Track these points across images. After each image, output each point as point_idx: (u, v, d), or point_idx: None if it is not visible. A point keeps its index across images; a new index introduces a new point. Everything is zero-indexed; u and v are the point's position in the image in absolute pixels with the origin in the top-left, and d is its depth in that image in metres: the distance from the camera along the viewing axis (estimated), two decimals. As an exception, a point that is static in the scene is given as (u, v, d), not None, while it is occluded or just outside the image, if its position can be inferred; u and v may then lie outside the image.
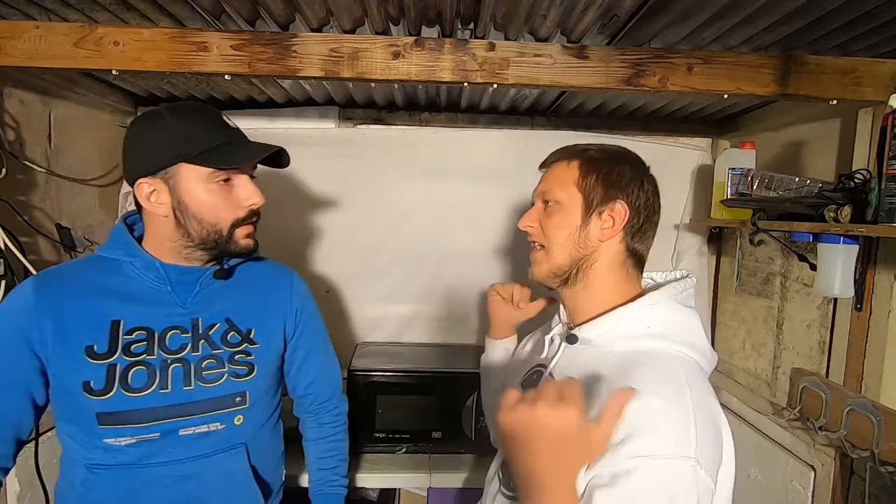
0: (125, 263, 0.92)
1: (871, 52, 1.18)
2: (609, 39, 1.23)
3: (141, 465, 0.90)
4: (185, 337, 0.93)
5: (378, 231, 1.84)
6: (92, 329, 0.88)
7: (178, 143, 0.87)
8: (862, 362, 1.22)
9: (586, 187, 0.81)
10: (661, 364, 0.73)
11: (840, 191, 1.11)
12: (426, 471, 1.46)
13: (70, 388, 0.87)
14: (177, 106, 0.92)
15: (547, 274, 0.84)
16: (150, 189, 0.89)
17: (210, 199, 0.89)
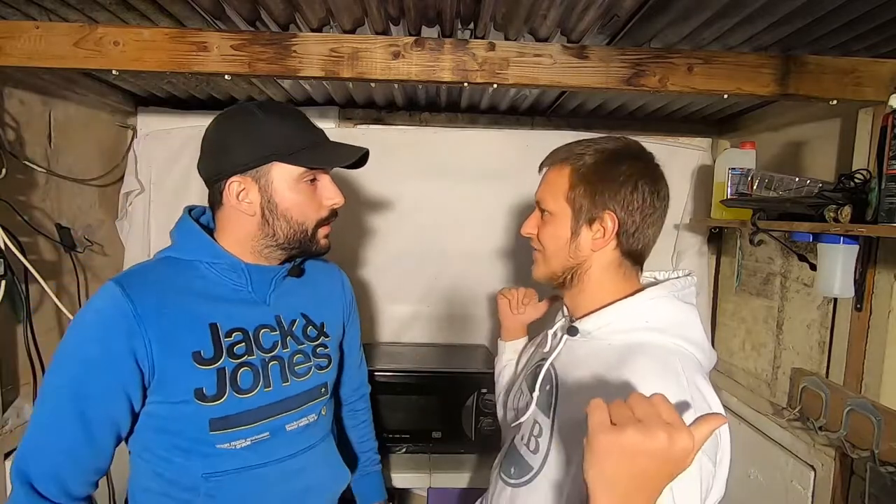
0: (203, 265, 0.90)
1: (871, 52, 1.18)
2: (609, 39, 1.23)
3: (258, 465, 0.90)
4: (275, 335, 0.93)
5: (378, 231, 1.84)
6: (194, 334, 0.85)
7: (273, 142, 0.86)
8: (862, 362, 1.22)
9: (574, 200, 0.81)
10: (657, 355, 0.75)
11: (840, 191, 1.11)
12: (426, 471, 1.46)
13: (181, 397, 0.84)
14: (266, 104, 0.90)
15: (544, 277, 0.87)
16: (240, 188, 0.87)
17: (300, 198, 0.89)
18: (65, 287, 1.42)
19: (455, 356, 1.75)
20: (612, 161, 0.81)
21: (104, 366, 0.80)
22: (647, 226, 0.82)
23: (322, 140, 0.92)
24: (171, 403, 0.84)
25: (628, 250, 0.82)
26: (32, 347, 1.21)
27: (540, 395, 0.85)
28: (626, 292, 0.82)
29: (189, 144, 1.72)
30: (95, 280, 1.58)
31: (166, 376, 0.83)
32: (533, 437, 0.84)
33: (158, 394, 0.84)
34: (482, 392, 1.51)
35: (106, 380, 0.81)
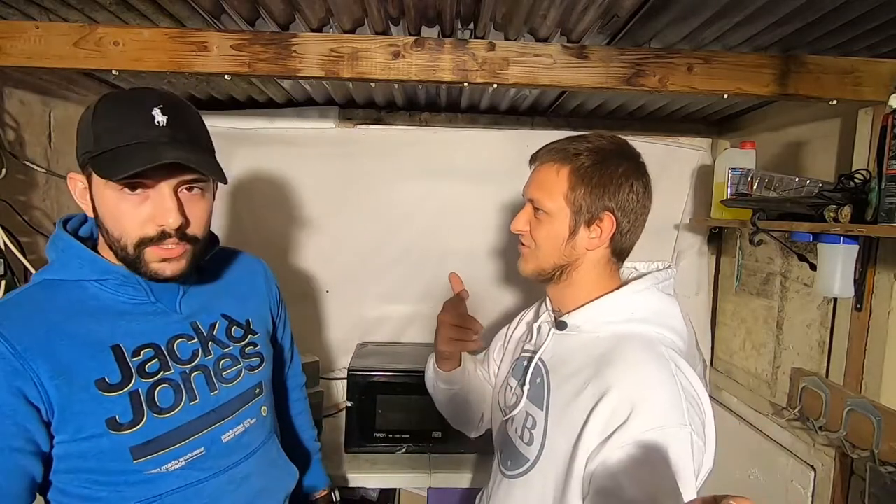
0: (92, 283, 0.80)
1: (871, 52, 1.18)
2: (609, 39, 1.23)
3: (200, 481, 0.84)
4: (193, 343, 0.86)
5: (378, 231, 1.84)
6: (94, 360, 0.76)
7: (88, 140, 0.75)
8: (862, 362, 1.22)
9: (575, 201, 0.81)
10: (645, 344, 0.79)
11: (840, 191, 1.11)
12: (426, 471, 1.46)
13: (91, 431, 0.75)
14: (109, 95, 0.78)
15: (532, 273, 0.88)
16: (81, 185, 0.79)
17: (116, 206, 0.76)
18: (65, 287, 1.42)
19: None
20: (609, 161, 0.82)
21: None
22: (638, 225, 0.85)
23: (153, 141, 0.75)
24: (83, 440, 0.75)
25: (619, 249, 0.85)
26: (32, 347, 1.20)
27: (531, 388, 0.87)
28: (610, 287, 0.86)
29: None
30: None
31: (69, 412, 0.74)
32: (527, 429, 0.86)
33: (64, 432, 0.74)
34: (482, 392, 1.51)
35: (3, 430, 0.70)
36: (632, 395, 0.73)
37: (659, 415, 0.72)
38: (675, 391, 0.74)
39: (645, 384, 0.75)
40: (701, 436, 0.74)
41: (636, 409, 0.71)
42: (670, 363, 0.77)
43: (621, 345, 0.80)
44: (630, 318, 0.82)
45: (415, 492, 1.62)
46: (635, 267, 0.93)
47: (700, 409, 0.77)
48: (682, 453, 0.70)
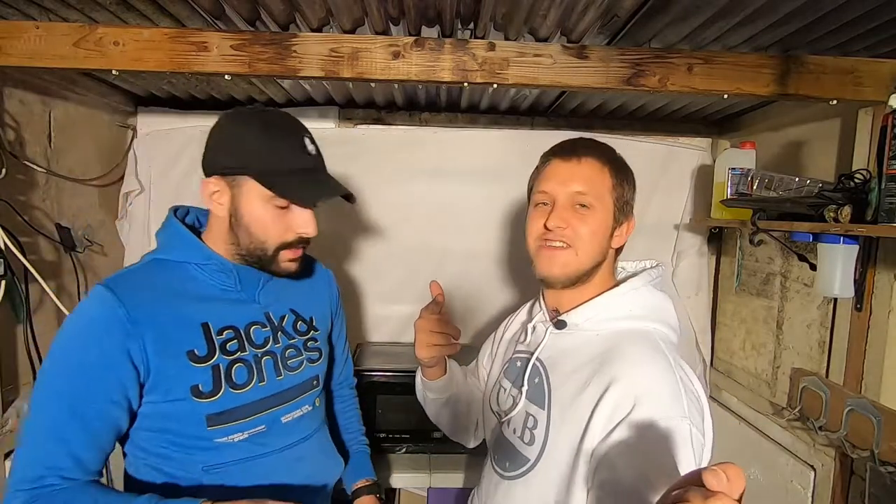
0: (192, 266, 0.92)
1: (871, 52, 1.18)
2: (609, 39, 1.23)
3: (258, 456, 0.93)
4: (265, 331, 0.96)
5: (378, 231, 1.84)
6: (187, 334, 0.87)
7: (253, 157, 0.87)
8: (862, 362, 1.22)
9: (618, 198, 0.86)
10: (645, 340, 0.82)
11: (840, 191, 1.11)
12: (426, 471, 1.46)
13: (178, 395, 0.86)
14: (269, 114, 0.91)
15: (574, 273, 0.85)
16: (215, 188, 0.90)
17: (265, 218, 0.89)
18: (65, 287, 1.42)
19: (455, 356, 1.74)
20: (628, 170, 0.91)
21: (103, 369, 0.81)
22: None
23: (311, 167, 0.92)
24: (168, 402, 0.86)
25: (619, 248, 0.91)
26: (32, 347, 1.21)
27: (529, 388, 0.88)
28: (608, 285, 0.89)
29: (189, 144, 1.72)
30: (95, 280, 1.58)
31: (162, 376, 0.85)
32: (527, 429, 0.86)
33: (154, 393, 0.85)
34: (482, 392, 1.51)
35: (105, 383, 0.82)
36: (635, 389, 0.75)
37: (661, 406, 0.74)
38: (676, 385, 0.76)
39: (647, 378, 0.77)
40: (700, 430, 0.76)
41: (639, 402, 0.73)
42: (668, 357, 0.80)
43: (622, 341, 0.82)
44: (628, 315, 0.85)
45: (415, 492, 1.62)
46: (623, 266, 0.96)
47: (699, 403, 0.79)
48: (683, 444, 0.72)
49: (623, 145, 1.77)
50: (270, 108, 0.94)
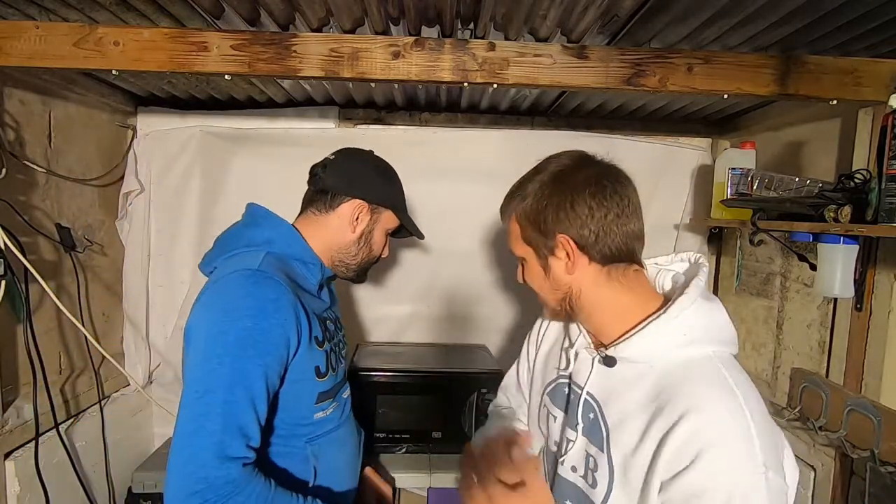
0: (296, 262, 1.04)
1: (871, 52, 1.18)
2: (609, 39, 1.23)
3: (335, 428, 1.07)
4: (332, 324, 1.10)
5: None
6: (311, 321, 0.98)
7: (397, 196, 1.16)
8: (862, 362, 1.22)
9: (528, 239, 0.83)
10: (705, 373, 0.72)
11: (840, 191, 1.11)
12: (426, 471, 1.46)
13: (305, 375, 0.97)
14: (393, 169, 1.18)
15: (550, 316, 0.92)
16: (360, 210, 1.08)
17: (381, 241, 1.15)
18: (65, 287, 1.42)
19: (455, 356, 1.75)
20: (544, 191, 0.80)
21: (283, 349, 0.91)
22: (609, 228, 0.78)
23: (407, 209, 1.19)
24: (296, 381, 0.96)
25: (606, 258, 0.78)
26: (32, 347, 1.21)
27: (584, 425, 0.81)
28: (647, 301, 0.79)
29: (189, 144, 1.72)
30: (96, 280, 1.58)
31: (301, 356, 0.95)
32: (589, 471, 0.80)
33: (291, 372, 0.95)
34: (482, 392, 1.51)
35: (283, 361, 0.92)
36: (699, 436, 0.67)
37: (724, 459, 0.66)
38: (746, 429, 0.67)
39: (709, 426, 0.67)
40: (780, 472, 0.67)
41: (702, 454, 0.65)
42: (737, 394, 0.70)
43: (680, 380, 0.73)
44: (683, 342, 0.75)
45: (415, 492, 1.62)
46: (656, 262, 0.87)
47: (773, 438, 0.70)
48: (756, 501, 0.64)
49: (623, 145, 1.81)
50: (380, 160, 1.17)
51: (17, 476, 1.19)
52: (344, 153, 1.14)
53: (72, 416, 1.42)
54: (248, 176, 1.78)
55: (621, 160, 0.85)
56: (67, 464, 1.33)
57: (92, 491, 1.41)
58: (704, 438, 0.66)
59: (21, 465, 1.20)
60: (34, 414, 1.23)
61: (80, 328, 1.37)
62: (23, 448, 1.22)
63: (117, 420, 1.56)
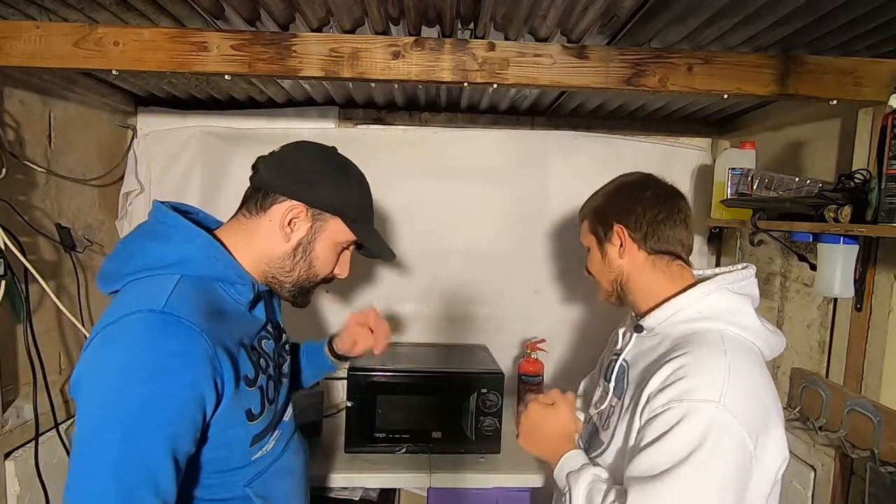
0: (217, 283, 0.84)
1: (871, 52, 1.18)
2: (609, 39, 1.23)
3: (278, 458, 0.94)
4: (269, 342, 0.93)
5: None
6: (240, 358, 0.82)
7: (351, 202, 0.92)
8: (862, 362, 1.22)
9: (593, 230, 1.02)
10: (705, 336, 0.85)
11: (840, 191, 1.11)
12: (426, 471, 1.46)
13: (235, 422, 0.81)
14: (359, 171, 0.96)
15: (605, 298, 1.04)
16: (295, 215, 0.87)
17: (329, 256, 0.93)
18: (65, 287, 1.42)
19: (455, 356, 1.75)
20: (612, 193, 1.01)
21: (195, 412, 0.74)
22: (658, 225, 0.94)
23: (372, 222, 1.00)
24: (226, 430, 0.80)
25: (654, 249, 0.94)
26: (32, 347, 1.21)
27: (616, 385, 0.97)
28: (676, 285, 0.93)
29: (189, 144, 1.72)
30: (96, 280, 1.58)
31: (228, 406, 0.78)
32: (607, 417, 0.97)
33: (216, 425, 0.79)
34: (482, 392, 1.51)
35: (195, 426, 0.75)
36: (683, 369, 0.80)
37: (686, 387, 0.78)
38: (717, 371, 0.78)
39: (683, 362, 0.81)
40: (748, 429, 0.76)
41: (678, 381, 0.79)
42: (722, 351, 0.81)
43: (684, 341, 0.86)
44: (697, 317, 0.88)
45: (415, 492, 1.62)
46: (715, 272, 0.98)
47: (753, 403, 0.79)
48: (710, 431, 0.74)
49: (623, 145, 1.81)
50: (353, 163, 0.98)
51: (17, 476, 1.19)
52: (294, 145, 0.94)
53: (72, 416, 1.42)
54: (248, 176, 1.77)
55: (621, 160, 0.90)
56: (67, 464, 1.32)
57: (92, 491, 1.41)
58: (683, 371, 0.80)
59: (21, 465, 1.20)
60: (34, 414, 1.23)
61: (80, 328, 1.37)
62: (23, 448, 1.22)
63: (117, 420, 1.56)
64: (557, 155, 1.81)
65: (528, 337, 1.87)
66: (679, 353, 0.83)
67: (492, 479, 1.45)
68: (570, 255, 1.86)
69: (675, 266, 0.95)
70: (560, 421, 0.99)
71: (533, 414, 1.00)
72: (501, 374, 1.55)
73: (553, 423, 0.98)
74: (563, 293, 1.91)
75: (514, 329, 1.92)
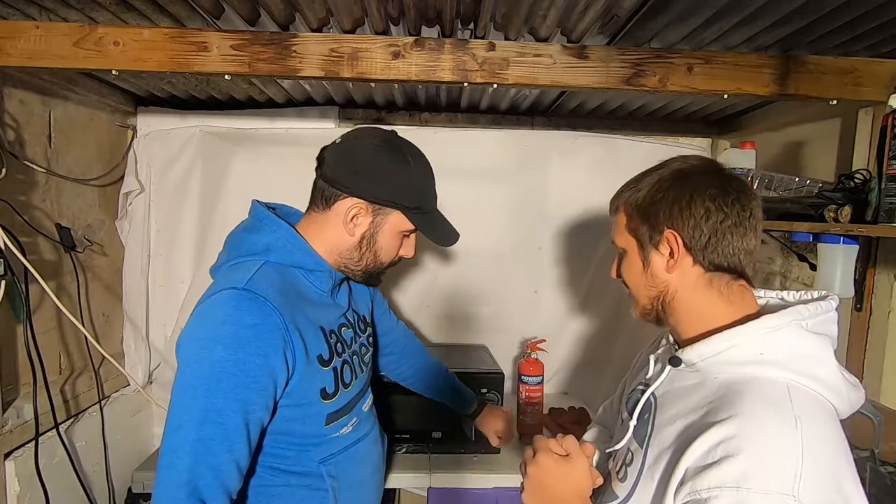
0: (299, 271, 0.93)
1: (871, 52, 1.18)
2: (609, 39, 1.23)
3: (355, 442, 1.00)
4: (350, 331, 1.02)
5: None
6: (315, 338, 0.90)
7: (409, 193, 0.94)
8: (862, 362, 1.22)
9: (633, 229, 0.78)
10: (767, 392, 0.65)
11: (840, 191, 1.11)
12: (426, 471, 1.46)
13: (309, 398, 0.89)
14: (419, 155, 0.98)
15: (639, 315, 0.82)
16: (357, 210, 0.93)
17: (394, 245, 0.98)
18: (65, 287, 1.42)
19: (455, 356, 1.75)
20: (662, 185, 0.77)
21: (266, 379, 0.82)
22: (724, 234, 0.72)
23: (435, 205, 1.03)
24: (299, 405, 0.88)
25: (713, 264, 0.73)
26: (32, 347, 1.21)
27: (638, 424, 0.79)
28: (734, 313, 0.73)
29: (189, 144, 1.72)
30: (95, 280, 1.58)
31: (301, 380, 0.87)
32: (624, 465, 0.79)
33: (290, 397, 0.87)
34: (482, 392, 1.51)
35: (267, 392, 0.83)
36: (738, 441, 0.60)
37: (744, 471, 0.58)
38: (788, 452, 0.58)
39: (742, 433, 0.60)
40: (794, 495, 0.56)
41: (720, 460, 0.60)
42: (794, 420, 0.61)
43: (737, 392, 0.66)
44: (758, 360, 0.67)
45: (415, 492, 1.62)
46: (782, 296, 0.78)
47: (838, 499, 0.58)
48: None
49: (623, 145, 1.80)
50: (415, 148, 0.99)
51: (17, 476, 1.19)
52: (354, 134, 0.97)
53: (72, 416, 1.42)
54: (248, 176, 1.78)
55: (621, 160, 0.85)
56: (67, 464, 1.33)
57: (92, 491, 1.41)
58: (738, 442, 0.60)
59: (21, 465, 1.20)
60: (34, 414, 1.23)
61: (80, 328, 1.37)
62: (23, 448, 1.22)
63: (117, 420, 1.56)
64: (557, 155, 1.81)
65: (528, 337, 1.87)
66: (730, 412, 0.63)
67: (492, 479, 1.45)
68: (571, 255, 1.86)
69: (737, 287, 0.73)
70: (577, 479, 0.76)
71: (543, 466, 0.77)
72: (501, 374, 1.55)
73: (568, 482, 0.76)
74: (563, 293, 1.91)
75: (514, 329, 1.92)
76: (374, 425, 1.09)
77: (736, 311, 0.72)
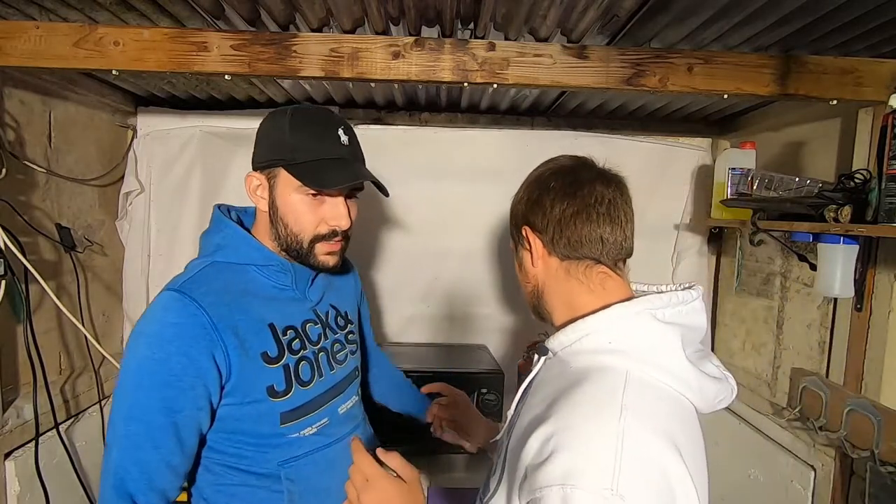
0: (252, 268, 0.92)
1: (871, 52, 1.18)
2: (609, 39, 1.23)
3: (324, 446, 0.97)
4: (317, 327, 0.99)
5: (378, 231, 1.84)
6: (259, 336, 0.89)
7: (284, 149, 0.89)
8: (862, 362, 1.22)
9: (510, 232, 0.84)
10: (603, 382, 0.65)
11: (840, 191, 1.11)
12: (426, 471, 1.46)
13: (255, 396, 0.88)
14: (299, 110, 0.92)
15: (531, 311, 0.84)
16: (257, 183, 0.92)
17: (299, 208, 0.90)
18: (65, 287, 1.42)
19: (455, 356, 1.75)
20: (525, 188, 0.81)
21: (192, 378, 0.82)
22: (568, 222, 0.73)
23: (340, 157, 0.91)
24: (246, 404, 0.87)
25: (564, 254, 0.74)
26: (32, 347, 1.21)
27: (513, 415, 0.79)
28: (598, 304, 0.72)
29: (189, 144, 1.72)
30: (96, 280, 1.58)
31: (242, 379, 0.86)
32: (498, 458, 0.79)
33: (233, 396, 0.86)
34: (482, 392, 1.51)
35: (195, 392, 0.82)
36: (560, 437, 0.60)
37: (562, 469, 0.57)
38: (615, 451, 0.57)
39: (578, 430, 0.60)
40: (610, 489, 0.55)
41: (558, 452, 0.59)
42: (619, 411, 0.60)
43: (580, 381, 0.66)
44: (607, 349, 0.67)
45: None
46: (659, 289, 0.77)
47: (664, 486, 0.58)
48: None
49: (623, 145, 1.81)
50: (309, 105, 0.96)
51: (17, 476, 1.19)
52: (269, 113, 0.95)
53: (72, 416, 1.42)
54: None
55: (621, 160, 0.85)
56: (67, 464, 1.33)
57: (92, 491, 1.41)
58: (560, 438, 0.60)
59: (21, 465, 1.20)
60: (34, 414, 1.23)
61: (80, 328, 1.37)
62: (23, 448, 1.22)
63: (117, 420, 1.56)
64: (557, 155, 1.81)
65: (528, 337, 1.87)
66: (561, 406, 0.63)
67: (492, 479, 1.45)
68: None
69: (596, 275, 0.73)
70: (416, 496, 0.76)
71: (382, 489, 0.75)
72: (502, 374, 1.55)
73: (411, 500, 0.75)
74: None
75: (514, 329, 1.92)
76: (354, 429, 1.03)
77: (598, 300, 0.72)
